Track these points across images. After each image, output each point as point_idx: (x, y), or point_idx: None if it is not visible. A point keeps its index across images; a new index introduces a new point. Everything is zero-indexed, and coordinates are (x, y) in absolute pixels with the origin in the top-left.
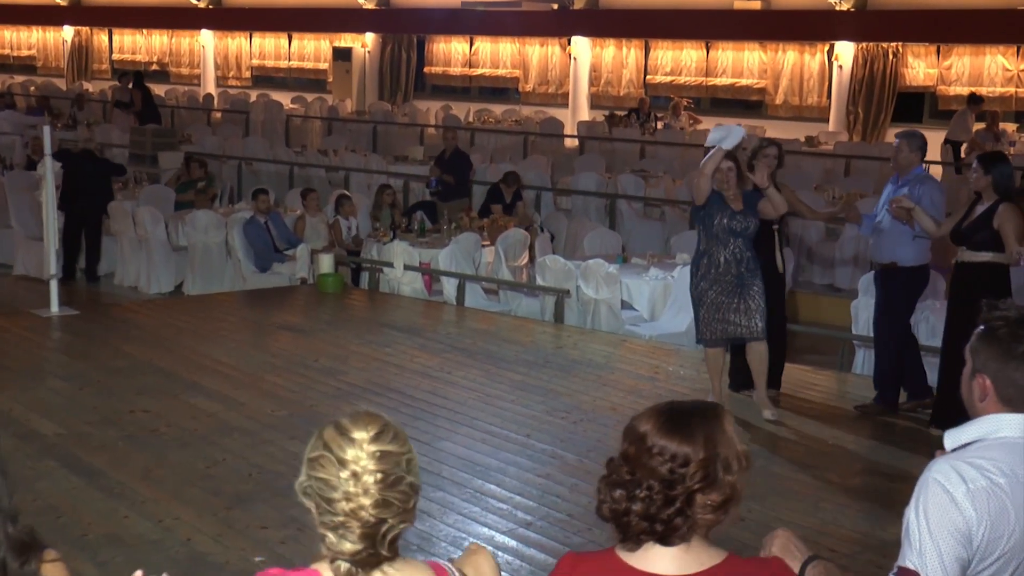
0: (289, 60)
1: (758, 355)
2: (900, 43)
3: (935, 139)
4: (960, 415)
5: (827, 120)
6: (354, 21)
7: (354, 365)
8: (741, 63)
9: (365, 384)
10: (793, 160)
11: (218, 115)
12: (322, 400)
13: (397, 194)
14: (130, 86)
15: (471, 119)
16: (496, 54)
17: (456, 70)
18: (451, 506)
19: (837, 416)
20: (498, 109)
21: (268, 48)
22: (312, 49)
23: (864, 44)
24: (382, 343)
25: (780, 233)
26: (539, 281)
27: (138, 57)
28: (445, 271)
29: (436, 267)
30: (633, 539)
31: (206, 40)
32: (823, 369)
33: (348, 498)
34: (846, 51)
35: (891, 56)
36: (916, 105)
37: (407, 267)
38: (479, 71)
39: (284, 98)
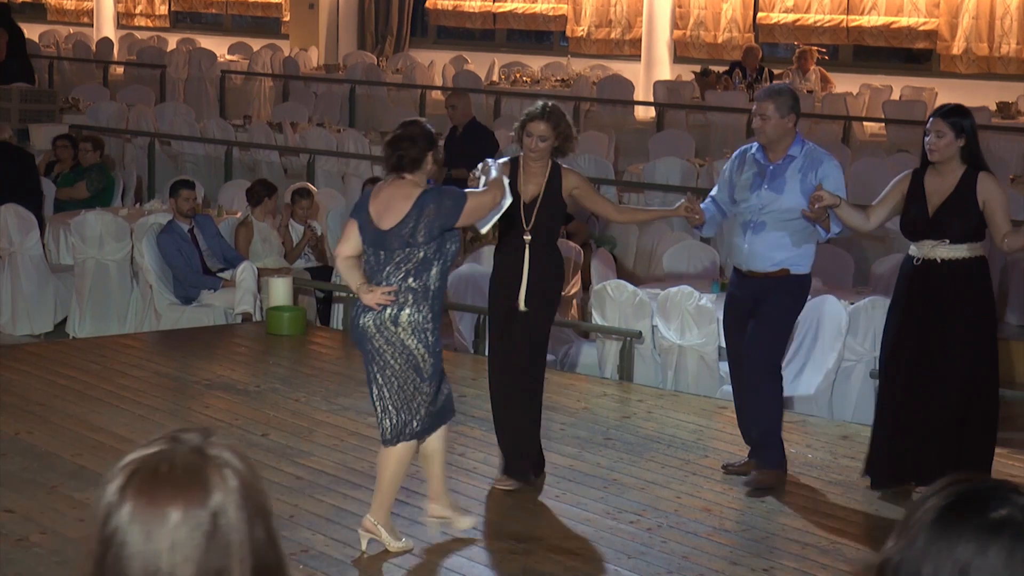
0: None
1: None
2: None
3: None
4: (896, 467)
5: None
6: None
7: (321, 443)
8: None
9: (336, 471)
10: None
11: (120, 71)
12: (273, 494)
13: None
14: None
15: (496, 78)
16: None
17: (474, 5)
18: None
19: None
20: (536, 63)
21: None
22: None
23: None
24: (363, 410)
25: (535, 246)
26: (596, 319)
27: None
28: (456, 304)
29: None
30: None
31: None
32: None
33: None
34: None
35: None
36: None
37: None
38: (508, 7)
39: (218, 46)
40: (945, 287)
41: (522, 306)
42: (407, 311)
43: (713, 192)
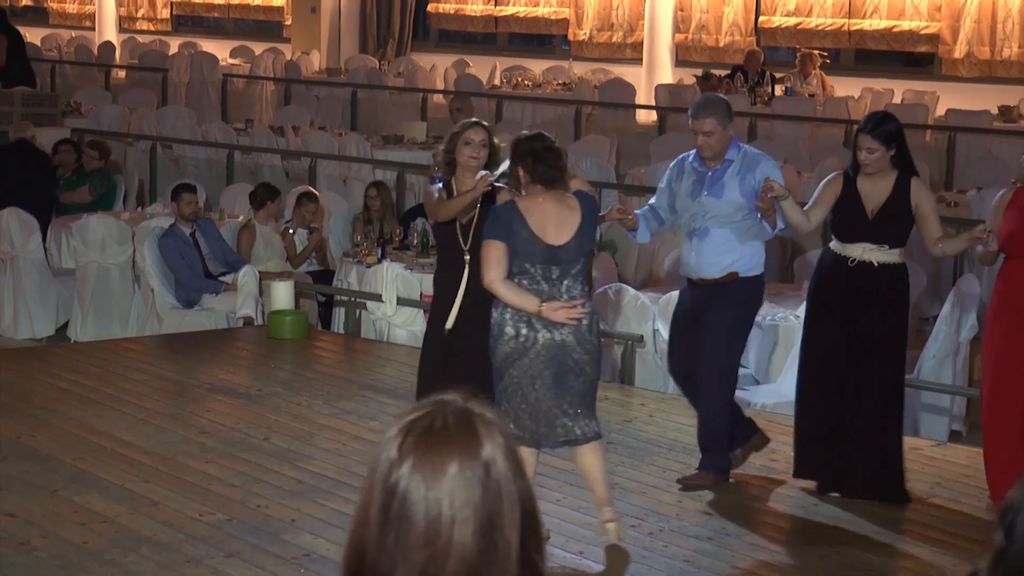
0: None
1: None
2: None
3: None
4: (824, 458)
5: None
6: None
7: (323, 446)
8: None
9: (338, 475)
10: (981, 142)
11: (121, 74)
12: (275, 498)
13: (392, 193)
14: None
15: (498, 81)
16: None
17: (476, 8)
18: None
19: None
20: (538, 67)
21: None
22: None
23: None
24: (364, 414)
25: (475, 267)
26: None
27: None
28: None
29: None
30: None
31: None
32: None
33: None
34: None
35: None
36: None
37: (401, 301)
38: (510, 10)
39: (220, 49)
40: (879, 291)
41: (448, 325)
42: (595, 317)
43: (652, 200)
